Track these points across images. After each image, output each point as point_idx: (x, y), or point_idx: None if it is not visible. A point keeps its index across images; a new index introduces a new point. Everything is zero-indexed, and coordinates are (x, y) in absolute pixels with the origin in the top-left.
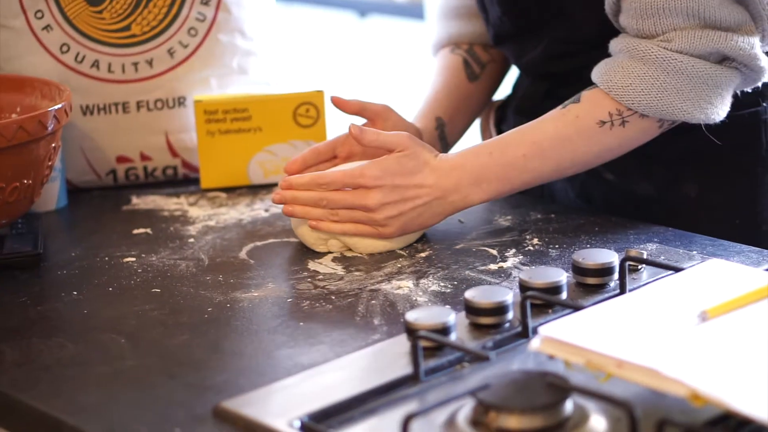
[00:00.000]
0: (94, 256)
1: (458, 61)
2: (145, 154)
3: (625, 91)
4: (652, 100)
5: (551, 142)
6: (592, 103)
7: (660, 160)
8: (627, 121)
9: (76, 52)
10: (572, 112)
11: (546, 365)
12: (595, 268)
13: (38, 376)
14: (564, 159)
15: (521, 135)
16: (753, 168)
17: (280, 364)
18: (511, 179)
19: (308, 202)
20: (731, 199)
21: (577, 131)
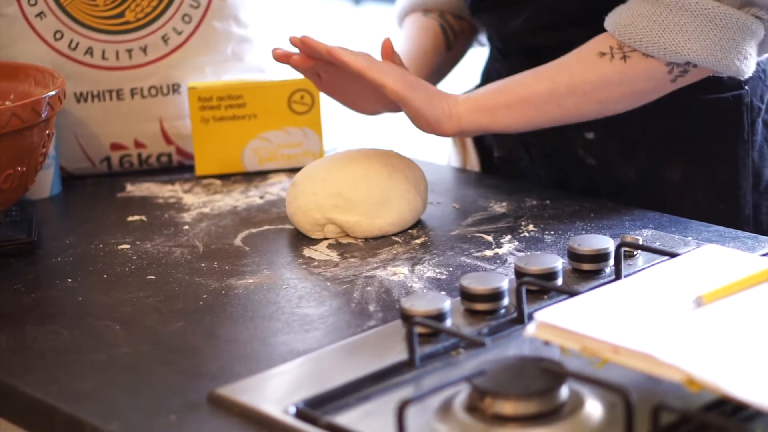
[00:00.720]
0: (88, 244)
1: (436, 26)
2: (140, 142)
3: (626, 29)
4: (654, 38)
5: (549, 66)
6: (596, 40)
7: (642, 144)
8: (628, 57)
9: (70, 39)
10: (575, 51)
11: (541, 351)
12: (590, 254)
13: (33, 363)
14: (560, 83)
15: (534, 74)
16: (735, 150)
17: (275, 351)
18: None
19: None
20: (714, 182)
21: (577, 58)
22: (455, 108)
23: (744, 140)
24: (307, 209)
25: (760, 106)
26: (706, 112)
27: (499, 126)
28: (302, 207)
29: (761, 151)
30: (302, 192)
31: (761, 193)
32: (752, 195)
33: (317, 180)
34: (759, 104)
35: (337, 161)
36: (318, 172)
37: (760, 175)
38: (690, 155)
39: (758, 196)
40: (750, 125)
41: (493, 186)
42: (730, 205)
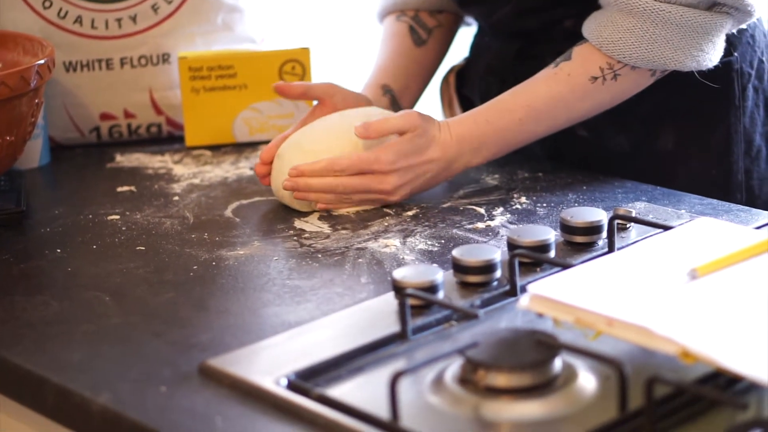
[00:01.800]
0: (77, 214)
1: (403, 28)
2: (129, 112)
3: (615, 45)
4: (642, 53)
5: (545, 103)
6: (583, 58)
7: (635, 114)
8: (619, 74)
9: (59, 8)
10: (564, 70)
11: (535, 323)
12: (583, 226)
13: (22, 333)
14: (559, 117)
15: (515, 98)
16: (727, 117)
17: (267, 322)
18: (508, 143)
19: (323, 189)
20: (707, 149)
21: (570, 89)
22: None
23: (735, 106)
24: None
25: (750, 71)
26: (697, 80)
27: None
28: None
29: (752, 116)
30: (288, 165)
31: (753, 158)
32: (744, 161)
33: (305, 151)
34: (749, 70)
35: (322, 129)
36: (304, 143)
37: (751, 141)
38: (682, 123)
39: (750, 161)
40: (741, 91)
41: None
42: (723, 171)
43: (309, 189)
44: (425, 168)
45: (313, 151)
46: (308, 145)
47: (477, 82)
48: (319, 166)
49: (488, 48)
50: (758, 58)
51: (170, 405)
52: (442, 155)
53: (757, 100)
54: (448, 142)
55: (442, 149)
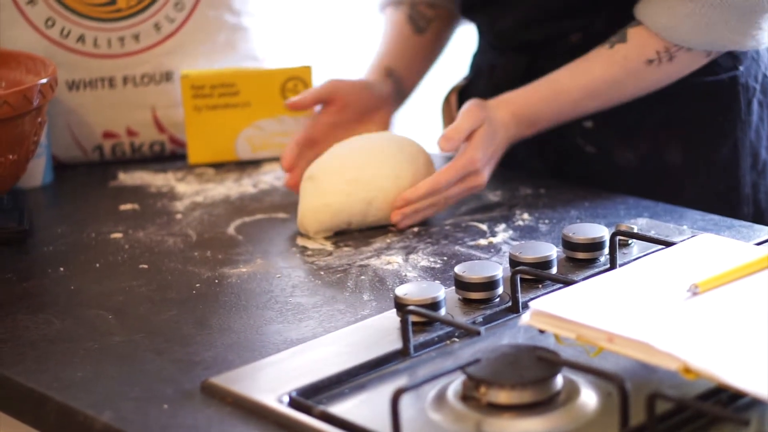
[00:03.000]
0: (80, 232)
1: (403, 17)
2: (132, 130)
3: (673, 31)
4: (701, 37)
5: (601, 85)
6: (640, 42)
7: (642, 130)
8: (674, 57)
9: (62, 27)
10: (620, 52)
11: (536, 340)
12: (585, 242)
13: (24, 351)
14: (612, 98)
15: (572, 80)
16: (733, 132)
17: (269, 340)
18: (560, 119)
19: (429, 207)
20: (714, 163)
21: (626, 72)
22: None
23: (741, 121)
24: (338, 211)
25: (755, 86)
26: (703, 94)
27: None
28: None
29: (757, 130)
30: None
31: (759, 172)
32: (750, 174)
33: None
34: (754, 84)
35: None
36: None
37: (757, 155)
38: (689, 138)
39: (756, 175)
40: (746, 105)
41: None
42: (731, 185)
43: (416, 213)
44: (499, 150)
45: (355, 179)
46: (349, 173)
47: None
48: (423, 190)
49: (491, 66)
50: (762, 73)
51: (173, 423)
52: (506, 134)
53: (762, 114)
54: (508, 121)
55: (505, 129)
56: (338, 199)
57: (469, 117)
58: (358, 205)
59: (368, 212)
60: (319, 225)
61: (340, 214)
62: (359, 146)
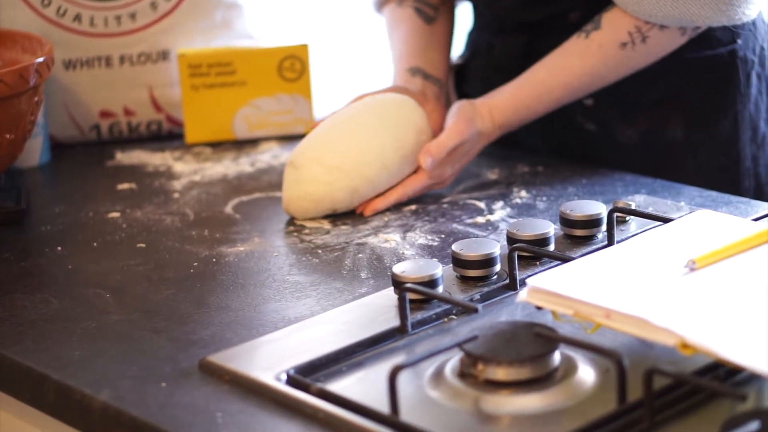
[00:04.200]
0: (78, 212)
1: (409, 11)
2: (129, 109)
3: (639, 5)
4: (667, 11)
5: (581, 78)
6: (612, 25)
7: (642, 106)
8: (647, 36)
9: (58, 6)
10: (595, 41)
11: (534, 316)
12: (582, 219)
13: (22, 331)
14: (593, 87)
15: (551, 78)
16: (733, 105)
17: (267, 318)
18: (541, 116)
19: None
20: (715, 137)
21: (604, 61)
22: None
23: (741, 94)
24: (320, 200)
25: (753, 59)
26: (702, 68)
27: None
28: (312, 196)
29: (756, 103)
30: (310, 179)
31: (759, 145)
32: (750, 147)
33: (328, 167)
34: (752, 57)
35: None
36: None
37: (756, 128)
38: (690, 113)
39: (756, 148)
40: (745, 78)
41: (484, 153)
42: (731, 158)
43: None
44: (474, 154)
45: (337, 167)
46: (330, 160)
47: (479, 81)
48: (391, 200)
49: (488, 45)
50: (760, 46)
51: (171, 401)
52: (486, 141)
53: (761, 87)
54: (490, 133)
55: (486, 138)
56: (319, 188)
57: (454, 135)
58: (341, 193)
59: (353, 199)
60: (304, 212)
61: (323, 202)
62: (343, 125)
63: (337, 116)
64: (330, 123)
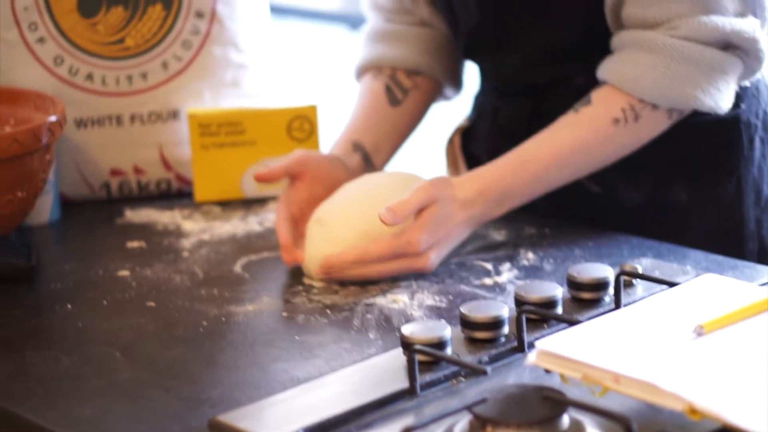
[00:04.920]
0: (87, 270)
1: (380, 86)
2: (139, 167)
3: (636, 82)
4: (663, 90)
5: (569, 150)
6: (604, 101)
7: (647, 167)
8: (640, 116)
9: (70, 65)
10: (586, 115)
11: (542, 379)
12: (590, 282)
13: (32, 389)
14: (582, 163)
15: (539, 148)
16: (737, 169)
17: (276, 378)
18: (533, 192)
19: (359, 278)
20: (719, 201)
21: (593, 134)
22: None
23: (744, 157)
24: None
25: (756, 123)
26: (706, 132)
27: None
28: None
29: (760, 167)
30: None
31: (762, 208)
32: (754, 210)
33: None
34: (755, 121)
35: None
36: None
37: (760, 191)
38: (693, 176)
39: (760, 211)
40: (749, 142)
41: None
42: (735, 221)
43: (345, 278)
44: (454, 233)
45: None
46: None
47: (485, 143)
48: (350, 257)
49: (495, 109)
50: (763, 110)
51: None
52: (468, 215)
53: (764, 150)
54: (471, 200)
55: (466, 209)
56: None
57: (420, 193)
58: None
59: None
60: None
61: None
62: (370, 191)
63: (364, 181)
64: (359, 187)
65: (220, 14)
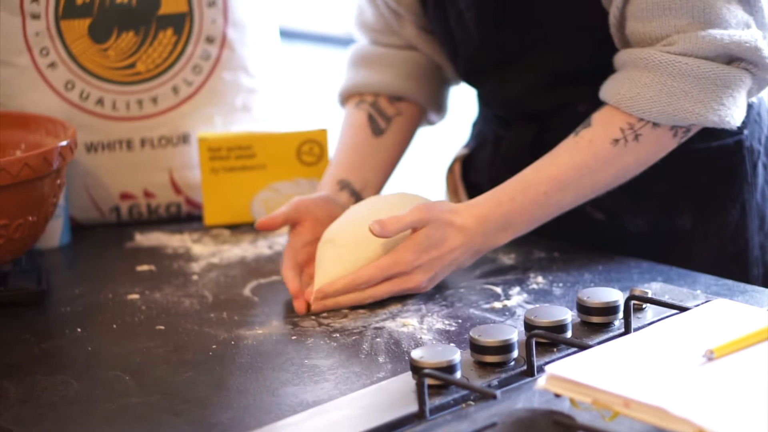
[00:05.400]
0: (97, 293)
1: (362, 117)
2: (149, 191)
3: (633, 101)
4: (662, 107)
5: (570, 173)
6: (603, 122)
7: (651, 194)
8: (640, 134)
9: (81, 90)
10: (585, 137)
11: (552, 403)
12: (600, 306)
13: (42, 413)
14: (584, 187)
15: (538, 172)
16: (741, 194)
17: (285, 402)
18: (535, 218)
19: (354, 304)
20: (723, 227)
21: (593, 156)
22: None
23: (748, 183)
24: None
25: (759, 148)
26: (710, 158)
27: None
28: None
29: (763, 192)
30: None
31: (766, 233)
32: (759, 236)
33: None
34: (758, 147)
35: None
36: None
37: (764, 217)
38: (698, 202)
39: (764, 236)
40: (752, 168)
41: None
42: (740, 247)
43: (340, 306)
44: (449, 257)
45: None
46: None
47: (487, 171)
48: (340, 285)
49: (496, 137)
50: (765, 136)
51: None
52: (465, 241)
53: (767, 176)
54: (470, 227)
55: (463, 235)
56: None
57: (414, 213)
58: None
59: None
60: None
61: None
62: (380, 211)
63: (374, 201)
64: (369, 207)
65: (231, 39)
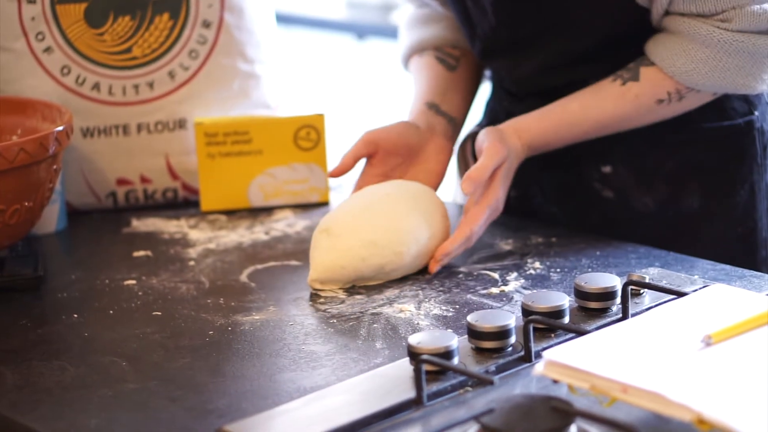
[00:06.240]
0: (94, 279)
1: (431, 60)
2: (145, 177)
3: (689, 75)
4: (715, 80)
5: (612, 121)
6: (652, 82)
7: (660, 174)
8: (684, 97)
9: (77, 75)
10: (632, 91)
11: (550, 389)
12: (597, 292)
13: (39, 398)
14: (619, 130)
15: (584, 113)
16: (750, 175)
17: (282, 388)
18: (567, 144)
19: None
20: (731, 207)
21: (636, 109)
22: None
23: (757, 164)
24: (352, 271)
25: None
26: (720, 138)
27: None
28: (345, 268)
29: None
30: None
31: None
32: (767, 218)
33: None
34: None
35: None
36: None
37: None
38: (706, 182)
39: None
40: (762, 149)
41: (498, 223)
42: (748, 228)
43: (451, 257)
44: (512, 177)
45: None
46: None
47: None
48: (459, 241)
49: (508, 113)
50: None
51: None
52: (518, 162)
53: None
54: (520, 151)
55: (518, 159)
56: (353, 263)
57: (493, 155)
58: (370, 269)
59: (378, 275)
60: (331, 281)
61: (352, 274)
62: (376, 201)
63: (371, 191)
64: (365, 197)
65: (228, 24)
